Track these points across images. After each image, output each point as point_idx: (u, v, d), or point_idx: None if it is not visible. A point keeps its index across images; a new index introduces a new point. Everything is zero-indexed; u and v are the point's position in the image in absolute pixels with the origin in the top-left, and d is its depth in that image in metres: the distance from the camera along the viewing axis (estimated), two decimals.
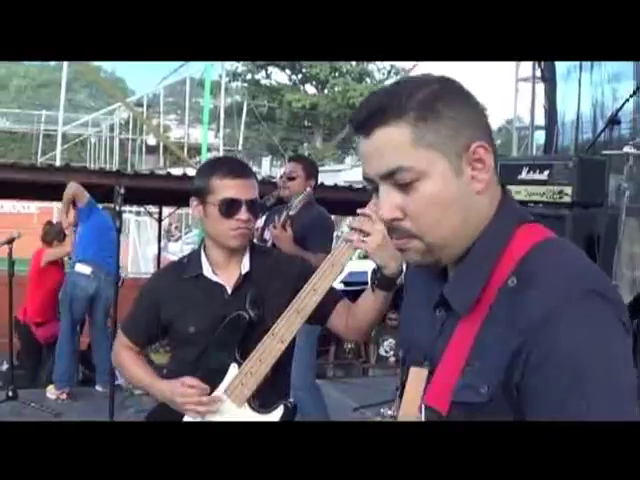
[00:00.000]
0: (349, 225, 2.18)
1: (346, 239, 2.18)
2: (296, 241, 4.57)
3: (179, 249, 20.13)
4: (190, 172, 10.40)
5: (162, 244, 14.92)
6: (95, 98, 42.42)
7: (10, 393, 6.30)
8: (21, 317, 7.60)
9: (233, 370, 2.38)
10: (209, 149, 23.44)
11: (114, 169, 11.77)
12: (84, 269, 6.66)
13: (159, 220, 12.58)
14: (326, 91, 37.55)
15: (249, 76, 37.56)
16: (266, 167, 31.76)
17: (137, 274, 16.42)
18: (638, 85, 4.53)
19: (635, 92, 4.51)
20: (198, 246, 2.68)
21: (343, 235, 2.20)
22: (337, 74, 36.26)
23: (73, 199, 6.47)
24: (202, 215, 2.51)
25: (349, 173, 22.97)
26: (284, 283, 2.36)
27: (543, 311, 1.18)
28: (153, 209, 13.75)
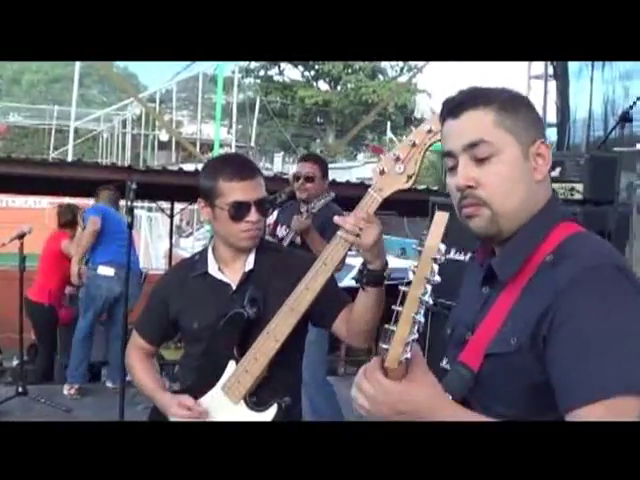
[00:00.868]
0: (339, 221, 2.17)
1: (340, 236, 2.18)
2: None
3: (190, 245, 20.17)
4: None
5: (173, 240, 14.94)
6: (107, 93, 42.54)
7: (20, 389, 6.30)
8: (34, 296, 7.54)
9: (231, 367, 2.40)
10: (221, 145, 23.43)
11: (126, 165, 11.78)
12: (107, 271, 6.68)
13: (171, 216, 12.59)
14: (339, 88, 37.56)
15: (262, 72, 37.62)
16: (278, 164, 31.71)
17: (148, 270, 16.47)
18: None
19: None
20: (208, 243, 2.68)
21: (337, 233, 2.19)
22: (350, 71, 36.23)
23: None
24: (211, 217, 2.52)
25: (361, 170, 22.96)
26: (289, 281, 2.35)
27: (568, 278, 1.39)
28: (165, 205, 13.77)
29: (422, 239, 1.31)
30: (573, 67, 8.85)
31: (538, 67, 10.01)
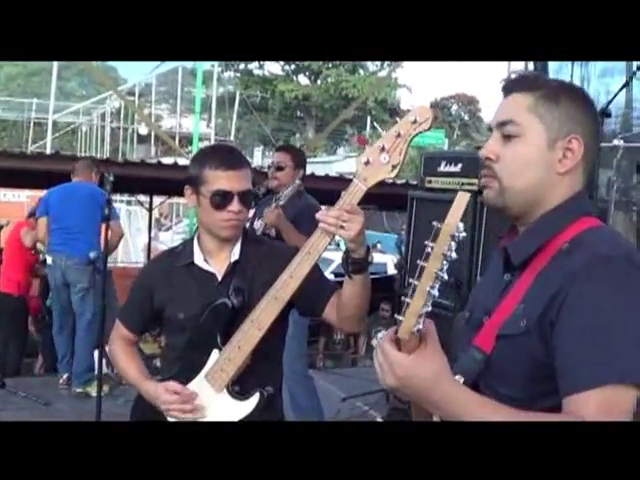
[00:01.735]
0: (320, 218, 2.18)
1: (324, 228, 2.19)
2: None
3: (170, 238, 20.10)
4: (181, 162, 10.33)
5: (153, 234, 14.91)
6: (86, 86, 42.20)
7: None
8: (4, 288, 7.51)
9: (214, 356, 2.41)
10: (201, 139, 23.39)
11: (105, 158, 11.73)
12: (48, 259, 6.60)
13: (150, 209, 12.57)
14: (319, 82, 37.55)
15: (242, 66, 37.48)
16: (258, 158, 31.67)
17: (128, 263, 16.41)
18: (627, 79, 4.54)
19: (624, 86, 4.51)
20: (192, 234, 2.69)
21: (320, 224, 2.20)
22: (330, 65, 36.21)
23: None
24: (195, 204, 2.53)
25: (341, 164, 22.98)
26: (274, 273, 2.36)
27: (579, 264, 1.45)
28: (143, 198, 13.73)
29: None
30: (553, 64, 8.90)
31: (518, 64, 10.05)
